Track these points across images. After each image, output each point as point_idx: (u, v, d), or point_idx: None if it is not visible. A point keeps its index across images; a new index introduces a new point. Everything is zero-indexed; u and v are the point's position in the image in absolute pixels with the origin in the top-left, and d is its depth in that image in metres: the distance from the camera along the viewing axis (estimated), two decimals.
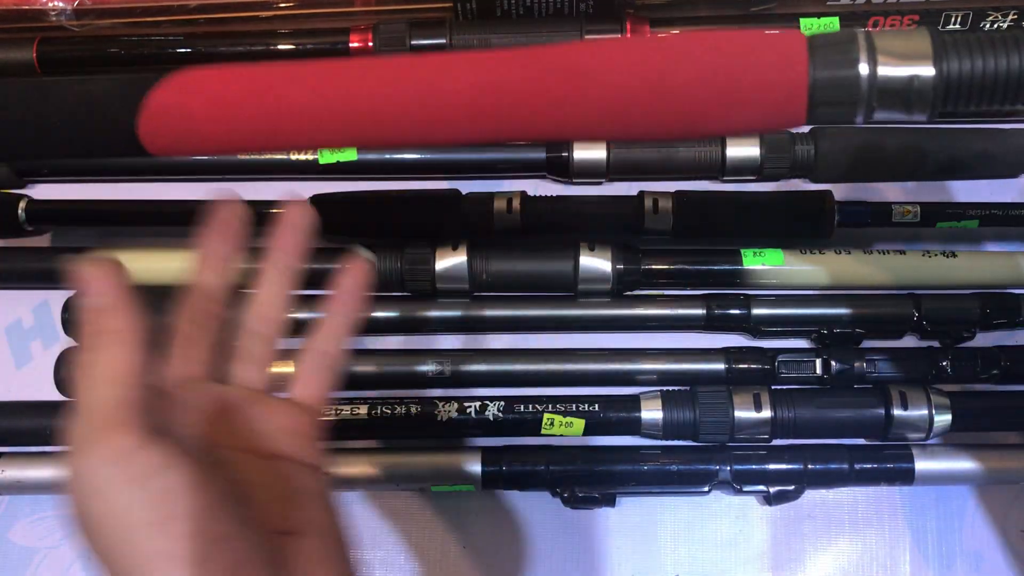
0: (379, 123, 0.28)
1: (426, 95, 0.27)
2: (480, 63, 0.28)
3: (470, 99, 0.27)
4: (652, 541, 0.47)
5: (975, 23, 0.49)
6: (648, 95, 0.26)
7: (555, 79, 0.27)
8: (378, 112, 0.28)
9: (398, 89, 0.28)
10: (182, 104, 0.30)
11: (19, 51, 0.51)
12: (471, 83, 0.27)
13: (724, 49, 0.26)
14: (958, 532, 0.46)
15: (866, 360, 0.45)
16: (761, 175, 0.49)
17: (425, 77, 0.28)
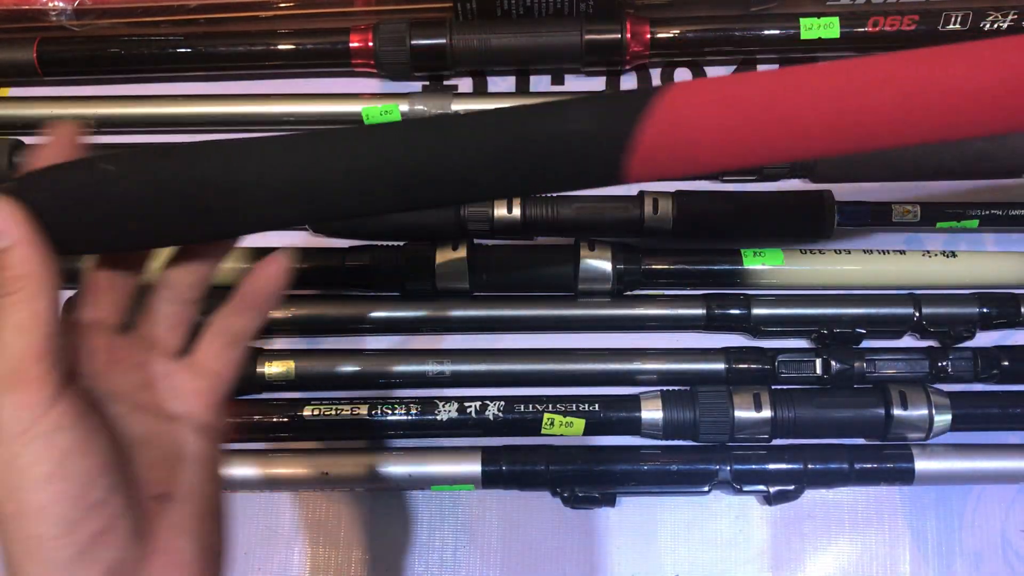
0: (889, 124, 0.26)
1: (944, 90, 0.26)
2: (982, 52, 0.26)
3: (994, 90, 0.26)
4: (652, 541, 0.47)
5: (975, 23, 0.49)
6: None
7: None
8: (890, 112, 0.26)
9: (909, 87, 0.26)
10: (682, 129, 0.27)
11: (19, 51, 0.51)
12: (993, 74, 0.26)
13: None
14: (958, 532, 0.46)
15: (866, 360, 0.45)
16: (761, 175, 0.49)
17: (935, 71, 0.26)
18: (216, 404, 0.31)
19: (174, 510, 0.28)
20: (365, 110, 0.50)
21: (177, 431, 0.30)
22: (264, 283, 0.32)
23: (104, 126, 0.51)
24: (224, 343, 0.31)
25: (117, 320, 0.31)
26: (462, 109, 0.49)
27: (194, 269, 0.31)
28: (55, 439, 0.25)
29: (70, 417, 0.25)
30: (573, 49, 0.49)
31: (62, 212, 0.27)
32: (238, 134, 0.51)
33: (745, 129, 0.27)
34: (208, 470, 0.30)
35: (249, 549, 0.47)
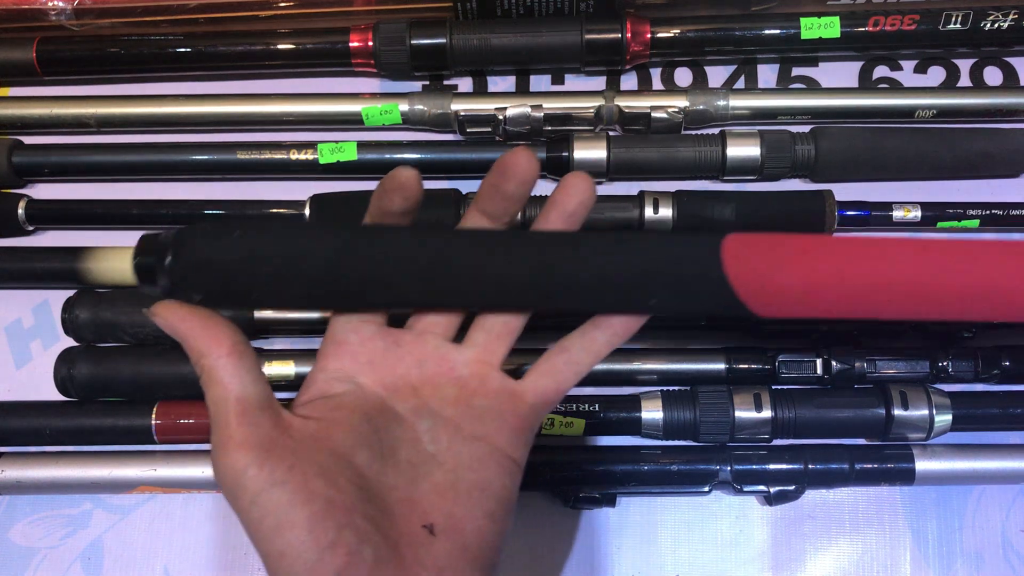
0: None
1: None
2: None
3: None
4: (652, 541, 0.47)
5: (975, 23, 0.49)
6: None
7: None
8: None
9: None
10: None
11: (19, 51, 0.51)
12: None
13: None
14: (958, 532, 0.46)
15: (866, 360, 0.45)
16: (762, 175, 0.49)
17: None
18: (523, 431, 0.31)
19: (433, 545, 0.28)
20: (365, 110, 0.50)
21: (470, 454, 0.29)
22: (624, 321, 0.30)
23: (104, 126, 0.51)
24: (564, 370, 0.31)
25: (452, 331, 0.31)
26: (462, 108, 0.49)
27: None
28: (272, 495, 0.26)
29: (282, 471, 0.27)
30: (573, 49, 0.49)
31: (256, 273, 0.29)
32: (238, 134, 0.51)
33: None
34: (487, 504, 0.29)
35: (248, 549, 0.47)
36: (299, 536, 0.26)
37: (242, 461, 0.27)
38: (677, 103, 0.49)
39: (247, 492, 0.26)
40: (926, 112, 0.49)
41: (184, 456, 0.46)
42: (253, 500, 0.26)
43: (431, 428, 0.30)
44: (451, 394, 0.30)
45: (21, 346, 0.50)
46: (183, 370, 0.45)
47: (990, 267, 0.29)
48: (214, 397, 0.28)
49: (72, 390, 0.46)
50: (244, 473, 0.26)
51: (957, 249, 0.29)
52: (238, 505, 0.27)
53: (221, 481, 0.27)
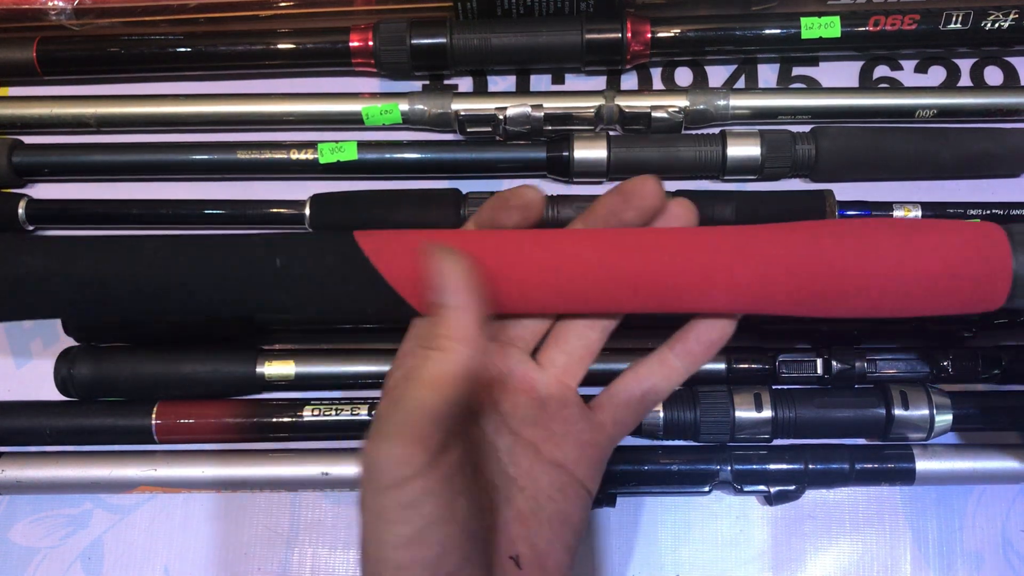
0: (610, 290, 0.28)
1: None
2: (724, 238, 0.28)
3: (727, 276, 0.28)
4: (652, 541, 0.47)
5: (976, 22, 0.49)
6: (872, 280, 0.27)
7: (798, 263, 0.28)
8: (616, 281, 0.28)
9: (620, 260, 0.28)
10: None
11: (19, 50, 0.51)
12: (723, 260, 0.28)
13: (945, 247, 0.28)
14: (959, 532, 0.46)
15: (867, 360, 0.45)
16: (762, 175, 0.49)
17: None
18: (599, 461, 0.30)
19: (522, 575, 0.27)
20: (365, 109, 0.50)
21: (549, 481, 0.28)
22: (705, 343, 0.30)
23: (104, 126, 0.51)
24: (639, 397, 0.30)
25: (534, 342, 0.30)
26: (462, 108, 0.49)
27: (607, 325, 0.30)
28: (422, 505, 0.24)
29: (440, 484, 0.25)
30: (573, 49, 0.49)
31: None
32: (238, 134, 0.51)
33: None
34: (567, 537, 0.28)
35: (249, 549, 0.47)
36: (426, 555, 0.24)
37: (414, 457, 0.24)
38: (677, 103, 0.49)
39: (399, 490, 0.24)
40: (926, 112, 0.49)
41: (184, 456, 0.46)
42: (404, 502, 0.24)
43: (510, 449, 0.29)
44: (531, 415, 0.29)
45: (21, 346, 0.50)
46: (183, 370, 0.45)
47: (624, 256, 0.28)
48: (432, 382, 0.24)
49: (72, 390, 0.46)
50: (406, 468, 0.24)
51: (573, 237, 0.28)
52: (380, 499, 0.24)
53: (375, 464, 0.24)
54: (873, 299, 0.28)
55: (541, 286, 0.28)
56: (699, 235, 0.28)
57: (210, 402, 0.46)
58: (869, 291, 0.27)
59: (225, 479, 0.45)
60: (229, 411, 0.46)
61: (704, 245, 0.28)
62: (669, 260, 0.28)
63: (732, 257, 0.28)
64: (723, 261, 0.28)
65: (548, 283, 0.28)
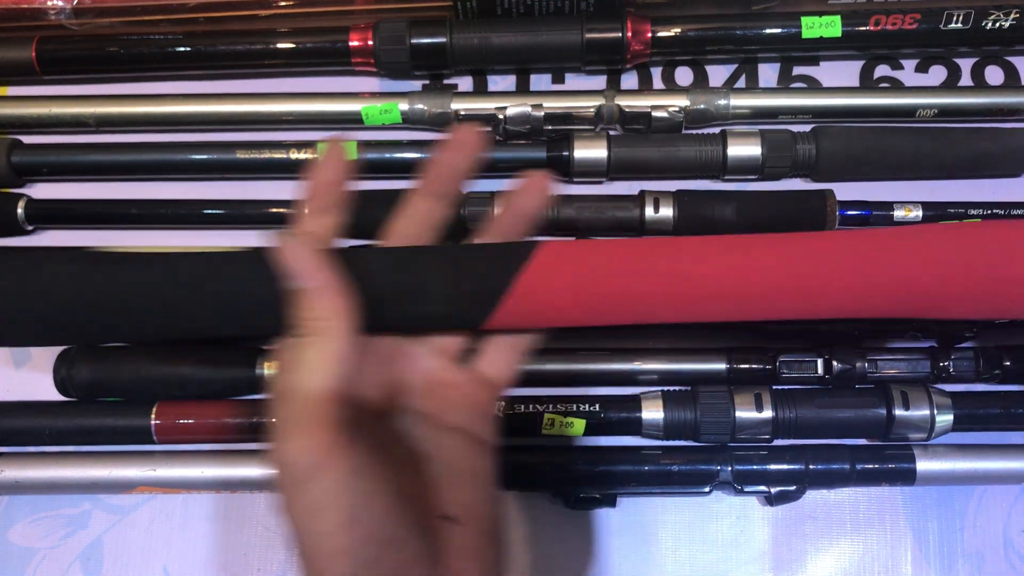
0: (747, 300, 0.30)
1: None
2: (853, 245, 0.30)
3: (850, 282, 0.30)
4: (653, 541, 0.47)
5: (977, 22, 0.49)
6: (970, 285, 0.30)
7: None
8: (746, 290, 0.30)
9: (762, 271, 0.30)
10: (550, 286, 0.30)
11: (19, 50, 0.51)
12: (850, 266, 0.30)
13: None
14: (959, 532, 0.46)
15: (867, 360, 0.45)
16: (762, 174, 0.49)
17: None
18: (491, 415, 0.31)
19: (459, 532, 0.28)
20: (365, 109, 0.50)
21: (453, 444, 0.29)
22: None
23: (103, 125, 0.51)
24: (507, 349, 0.31)
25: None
26: (462, 108, 0.49)
27: None
28: (348, 485, 0.24)
29: (361, 461, 0.25)
30: (574, 48, 0.49)
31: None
32: (238, 133, 0.51)
33: (609, 292, 0.30)
34: (487, 488, 0.30)
35: (249, 549, 0.47)
36: (364, 532, 0.24)
37: (326, 442, 0.24)
38: (678, 102, 0.49)
39: (322, 478, 0.24)
40: (927, 111, 0.49)
41: (184, 456, 0.46)
42: (327, 488, 0.24)
43: (412, 424, 0.30)
44: (421, 387, 0.30)
45: None
46: (183, 370, 0.45)
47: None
48: (318, 366, 0.25)
49: (71, 390, 0.46)
50: (321, 456, 0.24)
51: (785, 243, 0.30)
52: (304, 493, 0.24)
53: (287, 461, 0.24)
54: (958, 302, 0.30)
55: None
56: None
57: (210, 402, 0.46)
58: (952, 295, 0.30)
59: (225, 479, 0.45)
60: (229, 411, 0.45)
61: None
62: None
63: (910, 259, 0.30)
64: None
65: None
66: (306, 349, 0.25)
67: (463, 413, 0.30)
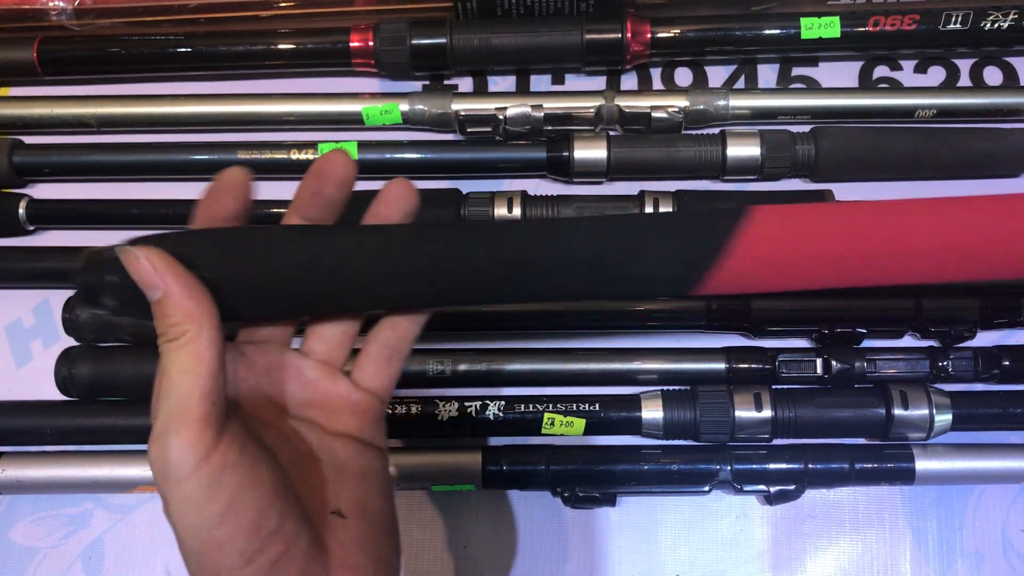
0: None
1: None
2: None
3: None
4: (653, 541, 0.47)
5: (976, 22, 0.49)
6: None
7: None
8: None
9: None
10: (755, 267, 0.29)
11: (19, 50, 0.51)
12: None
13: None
14: (959, 532, 0.46)
15: (867, 360, 0.45)
16: (762, 175, 0.49)
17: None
18: (377, 421, 0.32)
19: (348, 526, 0.29)
20: (365, 110, 0.50)
21: (341, 448, 0.30)
22: None
23: (104, 126, 0.51)
24: (383, 359, 0.32)
25: (288, 337, 0.32)
26: (462, 108, 0.49)
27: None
28: (224, 478, 0.25)
29: (235, 453, 0.26)
30: (573, 49, 0.49)
31: (222, 278, 0.28)
32: (239, 134, 0.51)
33: (820, 261, 0.29)
34: (375, 486, 0.30)
35: None
36: (244, 524, 0.25)
37: (200, 439, 0.25)
38: (677, 103, 0.49)
39: (198, 473, 0.25)
40: (926, 112, 0.49)
41: None
42: (204, 482, 0.25)
43: (298, 429, 0.30)
44: (305, 398, 0.31)
45: (22, 346, 0.50)
46: None
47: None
48: (184, 367, 0.25)
49: (73, 390, 0.46)
50: (197, 452, 0.25)
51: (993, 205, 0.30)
52: (182, 489, 0.25)
53: (165, 459, 0.25)
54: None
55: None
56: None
57: None
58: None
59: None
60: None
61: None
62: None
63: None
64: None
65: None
66: (173, 352, 0.26)
67: (349, 421, 0.31)
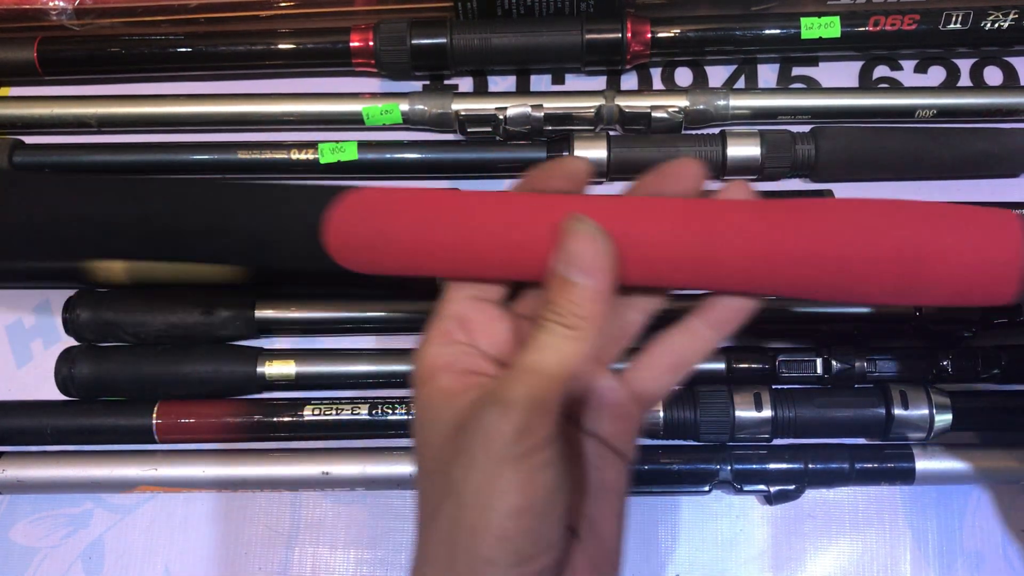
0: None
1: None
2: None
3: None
4: (652, 540, 0.47)
5: (976, 22, 0.49)
6: (884, 264, 0.26)
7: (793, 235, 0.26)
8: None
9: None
10: (358, 227, 0.29)
11: (20, 50, 0.51)
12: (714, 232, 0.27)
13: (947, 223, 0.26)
14: (959, 532, 0.46)
15: (867, 359, 0.45)
16: (762, 175, 0.49)
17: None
18: (634, 431, 0.30)
19: (583, 547, 0.27)
20: (365, 109, 0.50)
21: (594, 455, 0.29)
22: (728, 317, 0.29)
23: (104, 126, 0.51)
24: (668, 366, 0.30)
25: None
26: (463, 108, 0.49)
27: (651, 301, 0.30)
28: (541, 476, 0.24)
29: (557, 455, 0.24)
30: (574, 49, 0.49)
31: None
32: (239, 134, 0.51)
33: (421, 242, 0.28)
34: (615, 505, 0.29)
35: (249, 549, 0.47)
36: (533, 527, 0.24)
37: (549, 423, 0.24)
38: (677, 103, 0.49)
39: (533, 457, 0.23)
40: (926, 112, 0.49)
41: (185, 456, 0.46)
42: (530, 468, 0.23)
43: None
44: (573, 393, 0.29)
45: (22, 346, 0.50)
46: (184, 370, 0.45)
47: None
48: (564, 354, 0.24)
49: (73, 390, 0.46)
50: (539, 434, 0.23)
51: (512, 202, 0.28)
52: (501, 465, 0.23)
53: (503, 429, 0.23)
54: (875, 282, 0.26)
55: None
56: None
57: (210, 402, 0.46)
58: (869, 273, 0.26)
59: (225, 479, 0.45)
60: (229, 411, 0.46)
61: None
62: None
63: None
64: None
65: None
66: (556, 337, 0.25)
67: (605, 423, 0.29)
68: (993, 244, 0.26)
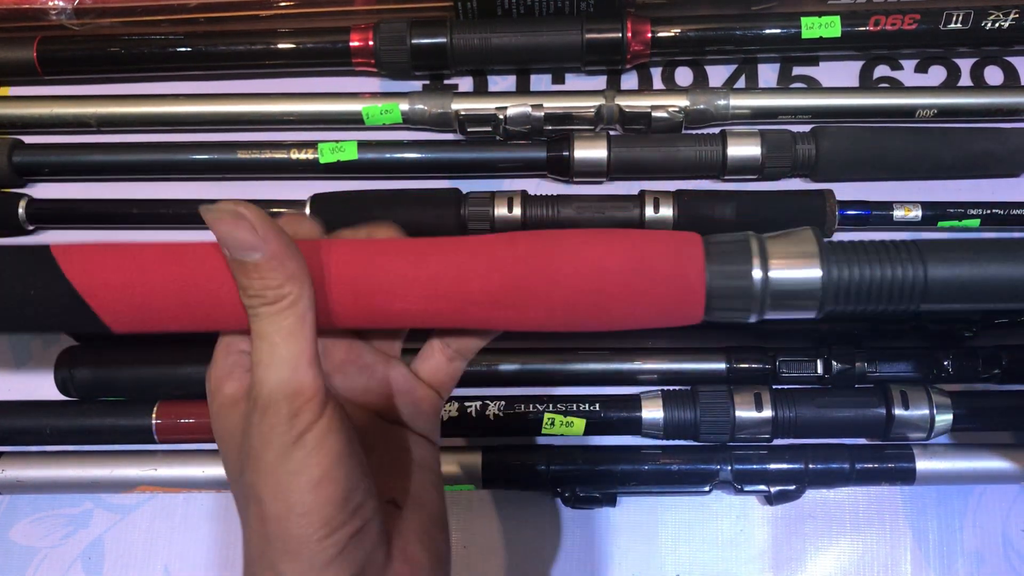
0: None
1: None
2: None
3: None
4: (653, 541, 0.47)
5: (976, 22, 0.49)
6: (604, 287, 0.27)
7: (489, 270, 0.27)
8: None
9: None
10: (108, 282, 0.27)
11: (19, 50, 0.51)
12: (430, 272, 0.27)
13: (639, 250, 0.27)
14: (959, 532, 0.46)
15: (867, 360, 0.45)
16: (762, 174, 0.49)
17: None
18: (433, 414, 0.31)
19: (405, 517, 0.28)
20: (365, 109, 0.50)
21: (401, 438, 0.30)
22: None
23: (104, 126, 0.51)
24: (445, 357, 0.31)
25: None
26: (463, 108, 0.49)
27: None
28: (327, 443, 0.25)
29: (338, 420, 0.25)
30: (574, 48, 0.49)
31: None
32: (238, 133, 0.51)
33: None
34: (428, 479, 0.30)
35: None
36: (335, 493, 0.24)
37: (312, 403, 0.24)
38: (678, 102, 0.49)
39: (306, 436, 0.24)
40: (927, 112, 0.49)
41: (184, 456, 0.46)
42: (308, 446, 0.24)
43: (353, 413, 0.30)
44: (362, 383, 0.30)
45: (21, 346, 0.50)
46: (183, 370, 0.45)
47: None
48: (290, 331, 0.24)
49: (72, 390, 0.46)
50: (306, 417, 0.24)
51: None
52: (285, 453, 0.24)
53: (272, 426, 0.24)
54: (558, 306, 0.27)
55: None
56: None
57: None
58: (552, 297, 0.27)
59: (226, 479, 0.45)
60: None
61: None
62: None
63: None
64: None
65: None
66: (272, 317, 0.25)
67: (405, 411, 0.31)
68: (678, 264, 0.27)
